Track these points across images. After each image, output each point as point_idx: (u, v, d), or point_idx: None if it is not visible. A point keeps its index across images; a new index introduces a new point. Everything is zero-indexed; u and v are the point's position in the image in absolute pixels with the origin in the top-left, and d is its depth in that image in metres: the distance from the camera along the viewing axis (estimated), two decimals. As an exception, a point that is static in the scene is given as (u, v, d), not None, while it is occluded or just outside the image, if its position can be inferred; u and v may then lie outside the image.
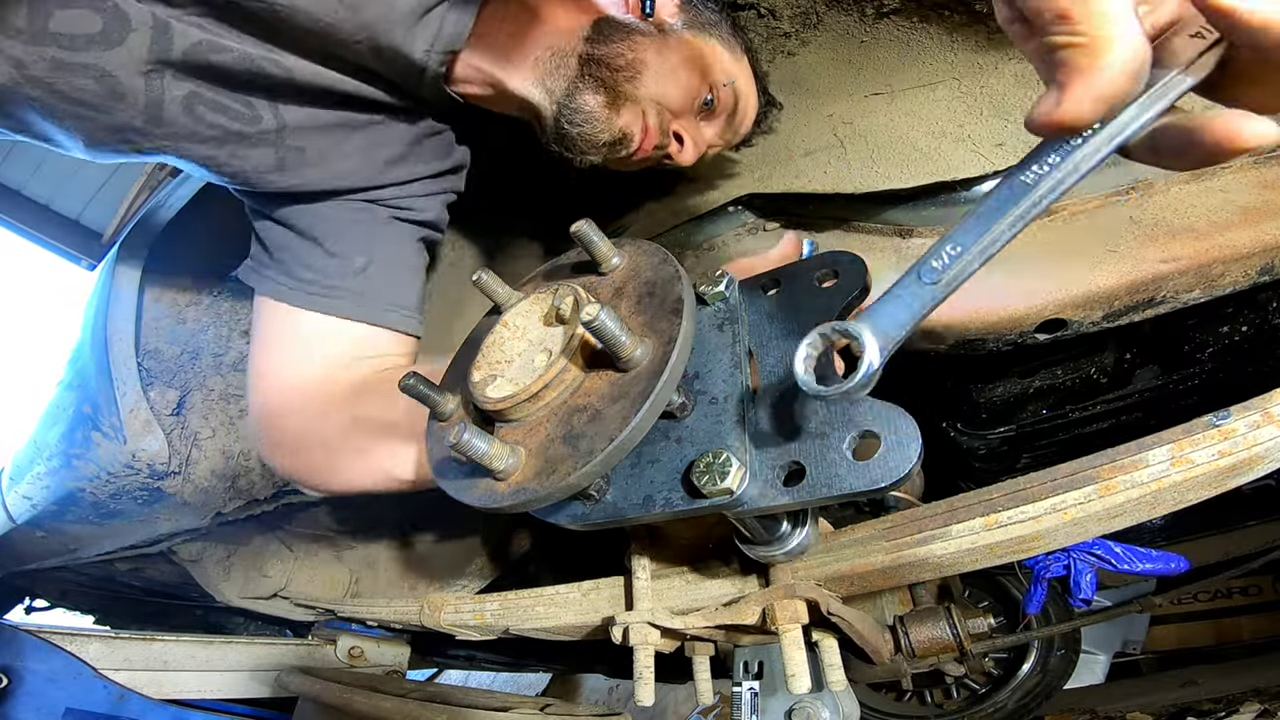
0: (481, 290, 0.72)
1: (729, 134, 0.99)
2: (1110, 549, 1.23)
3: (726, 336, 0.65)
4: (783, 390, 0.62)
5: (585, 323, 0.53)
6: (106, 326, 1.20)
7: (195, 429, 1.22)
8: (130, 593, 1.72)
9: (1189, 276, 0.79)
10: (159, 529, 1.31)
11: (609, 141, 0.88)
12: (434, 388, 0.67)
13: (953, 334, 0.84)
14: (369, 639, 1.36)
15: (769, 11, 1.19)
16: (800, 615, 0.68)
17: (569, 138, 0.87)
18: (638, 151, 0.90)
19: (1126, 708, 1.82)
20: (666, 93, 0.88)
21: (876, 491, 0.52)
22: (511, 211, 1.37)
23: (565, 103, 0.84)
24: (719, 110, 0.94)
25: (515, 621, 0.89)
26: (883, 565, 0.70)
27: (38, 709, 1.09)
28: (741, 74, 0.97)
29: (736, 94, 0.96)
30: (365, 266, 0.94)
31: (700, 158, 0.98)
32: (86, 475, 1.18)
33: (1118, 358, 1.03)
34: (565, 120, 0.85)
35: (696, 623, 0.73)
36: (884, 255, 0.89)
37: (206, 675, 1.25)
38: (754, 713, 0.81)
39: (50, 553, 1.41)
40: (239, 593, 1.43)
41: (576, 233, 0.65)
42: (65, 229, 5.85)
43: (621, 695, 2.95)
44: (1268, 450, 0.63)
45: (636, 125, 0.88)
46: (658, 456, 0.59)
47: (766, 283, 0.72)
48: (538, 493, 0.55)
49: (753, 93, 1.00)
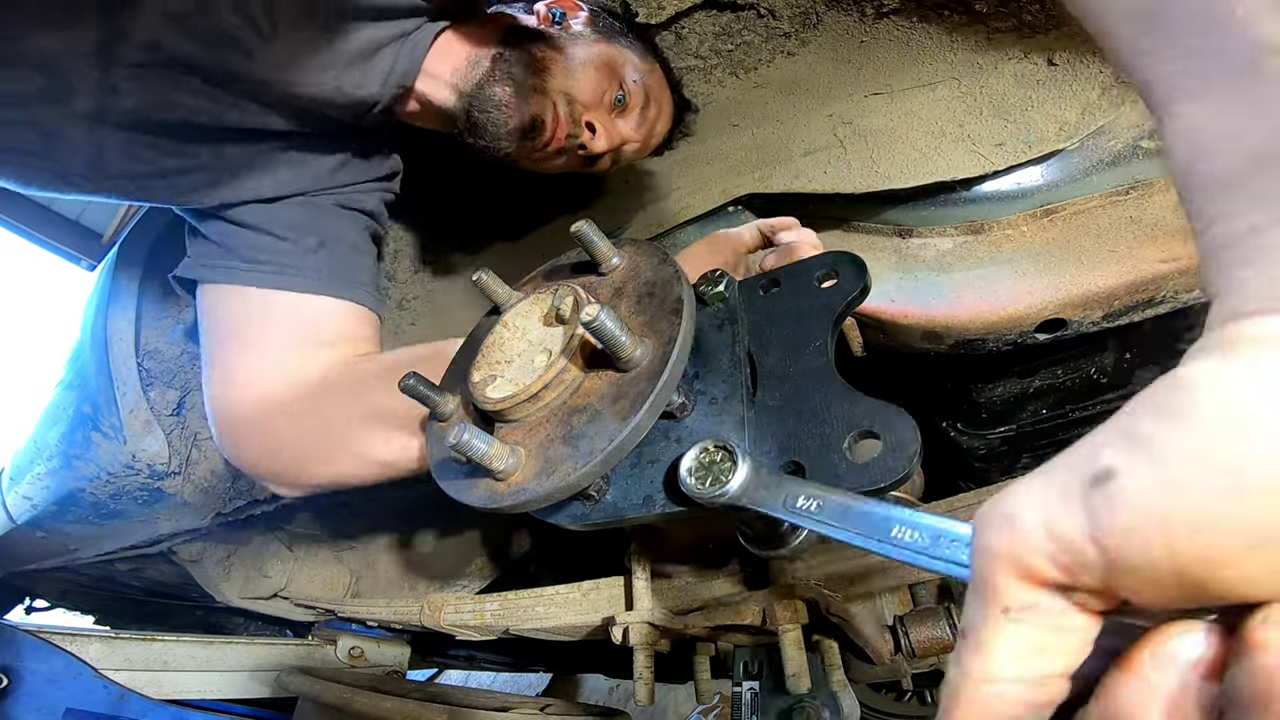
0: (481, 290, 0.72)
1: (644, 129, 1.02)
2: (1110, 549, 1.22)
3: (726, 336, 0.65)
4: (782, 390, 0.62)
5: (585, 323, 0.53)
6: (106, 327, 1.20)
7: (195, 429, 1.22)
8: (130, 593, 1.72)
9: (1189, 276, 0.79)
10: (159, 529, 1.31)
11: (518, 128, 0.91)
12: (434, 388, 0.67)
13: (953, 334, 0.84)
14: (369, 639, 1.36)
15: (769, 12, 1.19)
16: (800, 615, 0.68)
17: (479, 125, 0.91)
18: (551, 140, 0.93)
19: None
20: (575, 85, 0.93)
21: (876, 491, 0.52)
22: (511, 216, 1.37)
23: (475, 94, 0.90)
24: (631, 106, 0.99)
25: (515, 621, 0.89)
26: (883, 565, 0.70)
27: (38, 709, 1.09)
28: (652, 75, 1.03)
29: (648, 91, 1.00)
30: (319, 246, 0.94)
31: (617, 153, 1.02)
32: (86, 475, 1.18)
33: (1118, 358, 1.03)
34: (476, 109, 0.90)
35: (696, 623, 0.73)
36: (884, 255, 0.89)
37: (207, 675, 1.25)
38: (754, 713, 0.81)
39: (50, 553, 1.41)
40: (239, 593, 1.43)
41: (576, 233, 0.65)
42: (65, 229, 5.85)
43: (621, 695, 2.95)
44: (1268, 450, 0.63)
45: (547, 114, 0.92)
46: (658, 456, 0.59)
47: (766, 283, 0.72)
48: (538, 493, 0.55)
49: (666, 96, 1.05)
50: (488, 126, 0.91)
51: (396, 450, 0.82)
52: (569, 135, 0.94)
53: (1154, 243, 0.80)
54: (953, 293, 0.83)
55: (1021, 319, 0.81)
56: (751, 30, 1.21)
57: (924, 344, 0.86)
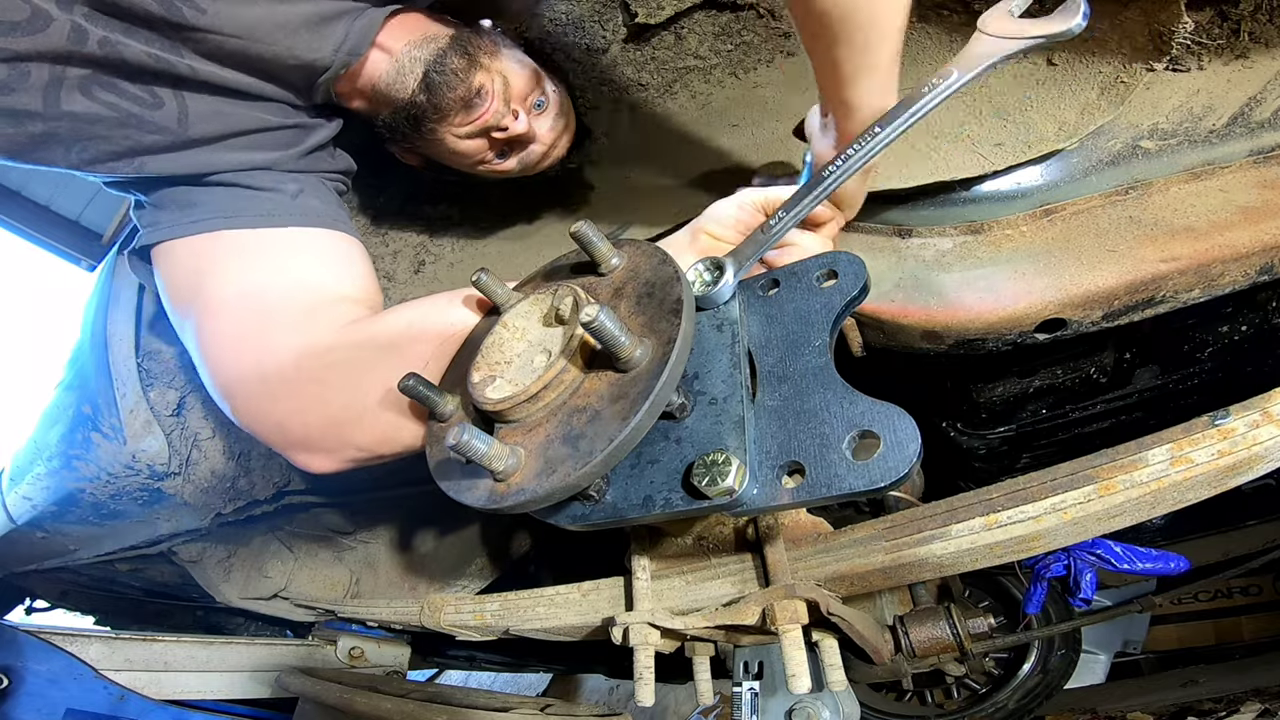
0: (481, 290, 0.72)
1: (553, 135, 1.16)
2: (1110, 549, 1.23)
3: (726, 337, 0.65)
4: (782, 390, 0.62)
5: (584, 323, 0.53)
6: (106, 327, 1.20)
7: (195, 429, 1.22)
8: (130, 593, 1.73)
9: (1189, 276, 0.79)
10: (159, 529, 1.31)
11: (464, 95, 1.03)
12: (433, 388, 0.67)
13: (953, 334, 0.84)
14: (369, 639, 1.36)
15: (769, 12, 1.19)
16: (800, 615, 0.68)
17: (434, 85, 1.01)
18: (485, 113, 1.05)
19: (1127, 707, 1.82)
20: (512, 74, 1.07)
21: (876, 491, 0.52)
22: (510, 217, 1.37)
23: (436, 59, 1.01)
24: (548, 111, 1.14)
25: (515, 622, 0.89)
26: (883, 565, 0.70)
27: (38, 710, 1.09)
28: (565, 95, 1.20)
29: (561, 104, 1.17)
30: (299, 193, 0.98)
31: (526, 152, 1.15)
32: (86, 476, 1.18)
33: (1118, 358, 1.03)
34: (434, 70, 1.01)
35: (696, 623, 0.73)
36: (884, 255, 0.89)
37: (207, 676, 1.25)
38: (754, 713, 0.81)
39: (50, 553, 1.41)
40: (239, 593, 1.43)
41: (576, 233, 0.65)
42: (65, 229, 5.85)
43: (621, 695, 2.95)
44: (1267, 450, 0.63)
45: (490, 87, 1.04)
46: (658, 457, 0.59)
47: (766, 283, 0.72)
48: (538, 493, 0.55)
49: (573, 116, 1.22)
50: (441, 87, 1.01)
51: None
52: (497, 112, 1.06)
53: (1154, 243, 0.80)
54: (953, 293, 0.83)
55: (1021, 319, 0.81)
56: (751, 30, 1.21)
57: (924, 344, 0.86)
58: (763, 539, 0.76)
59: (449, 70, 1.01)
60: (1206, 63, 0.89)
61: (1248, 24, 0.85)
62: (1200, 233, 0.79)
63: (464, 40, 1.04)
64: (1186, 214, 0.81)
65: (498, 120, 1.07)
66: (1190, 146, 0.86)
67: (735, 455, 0.55)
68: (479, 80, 1.03)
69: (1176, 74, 0.90)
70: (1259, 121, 0.85)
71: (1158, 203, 0.84)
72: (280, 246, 0.94)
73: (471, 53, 1.03)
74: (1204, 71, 0.89)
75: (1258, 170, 0.83)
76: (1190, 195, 0.83)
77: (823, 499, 0.54)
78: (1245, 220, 0.79)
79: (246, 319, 0.89)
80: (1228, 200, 0.81)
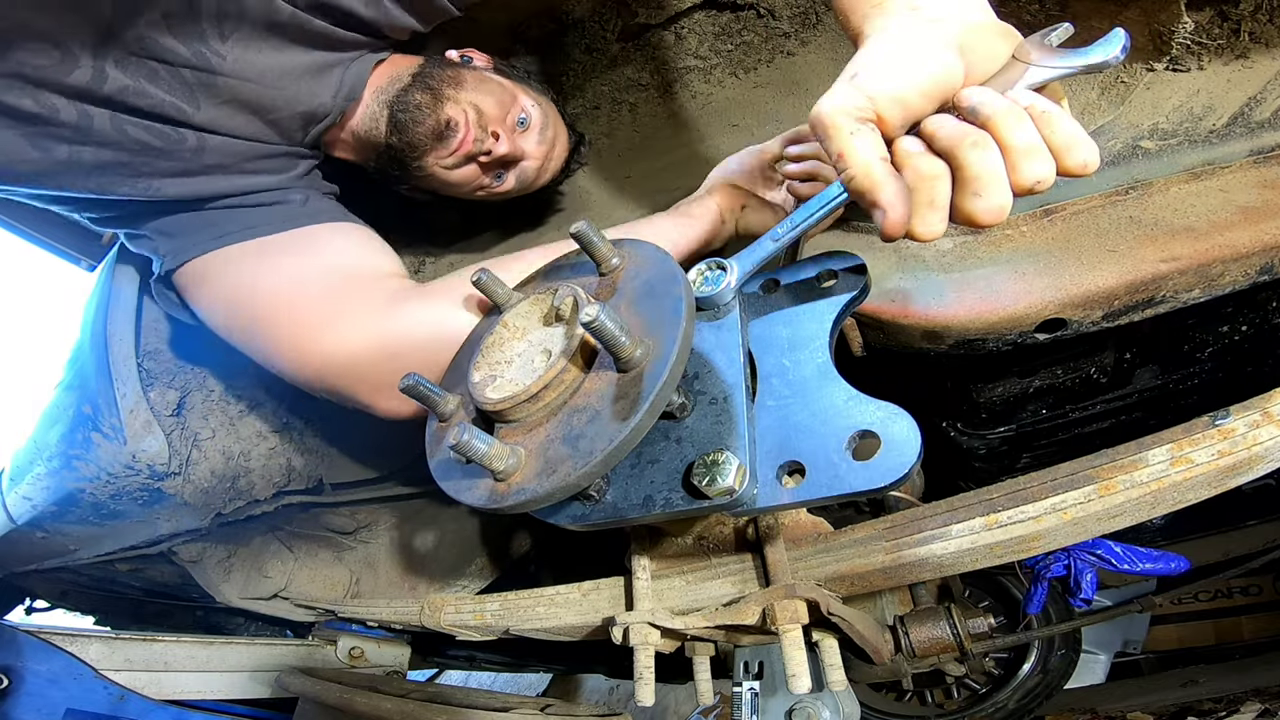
0: (481, 290, 0.72)
1: (544, 148, 1.16)
2: (1110, 549, 1.23)
3: (726, 337, 0.65)
4: (782, 390, 0.62)
5: (585, 323, 0.53)
6: (106, 327, 1.20)
7: (195, 430, 1.22)
8: (130, 593, 1.72)
9: (1189, 276, 0.79)
10: (159, 529, 1.31)
11: (434, 128, 1.03)
12: (434, 388, 0.67)
13: (953, 334, 0.83)
14: (369, 639, 1.36)
15: (769, 12, 1.19)
16: (800, 615, 0.68)
17: (401, 124, 1.02)
18: (462, 144, 1.05)
19: (1127, 707, 1.82)
20: (482, 100, 1.07)
21: (876, 491, 0.52)
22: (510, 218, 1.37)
23: (398, 99, 1.03)
24: (531, 127, 1.13)
25: (515, 622, 0.89)
26: (883, 565, 0.70)
27: (38, 710, 1.09)
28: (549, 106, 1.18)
29: (545, 116, 1.15)
30: (305, 200, 1.02)
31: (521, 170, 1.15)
32: (86, 476, 1.18)
33: (1118, 358, 1.03)
34: (398, 109, 1.02)
35: (696, 623, 0.73)
36: (884, 255, 0.89)
37: (207, 676, 1.25)
38: (754, 713, 0.81)
39: (50, 553, 1.41)
40: (239, 593, 1.43)
41: (576, 233, 0.65)
42: (65, 229, 5.84)
43: (621, 695, 2.95)
44: (1267, 450, 0.63)
45: (460, 118, 1.04)
46: (658, 456, 0.59)
47: (767, 283, 0.72)
48: (538, 493, 0.55)
49: (562, 127, 1.20)
50: (408, 125, 1.02)
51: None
52: (476, 139, 1.06)
53: (1154, 243, 0.80)
54: (953, 293, 0.83)
55: (1021, 319, 0.81)
56: (751, 30, 1.21)
57: (924, 344, 0.86)
58: (763, 539, 0.76)
59: (412, 106, 1.02)
60: (1206, 63, 0.89)
61: (1248, 24, 0.85)
62: (1200, 233, 0.79)
63: (425, 75, 1.04)
64: (1186, 214, 0.81)
65: (479, 146, 1.07)
66: (1190, 146, 0.87)
67: (735, 455, 0.55)
68: (447, 112, 1.04)
69: (1176, 74, 0.90)
70: (1259, 121, 0.85)
71: (1158, 203, 0.84)
72: (316, 240, 0.98)
73: (435, 86, 1.03)
74: (1204, 71, 0.89)
75: (1258, 170, 0.83)
76: (1190, 195, 0.83)
77: (823, 499, 0.54)
78: (1245, 220, 0.79)
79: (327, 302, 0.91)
80: (1228, 200, 0.81)
